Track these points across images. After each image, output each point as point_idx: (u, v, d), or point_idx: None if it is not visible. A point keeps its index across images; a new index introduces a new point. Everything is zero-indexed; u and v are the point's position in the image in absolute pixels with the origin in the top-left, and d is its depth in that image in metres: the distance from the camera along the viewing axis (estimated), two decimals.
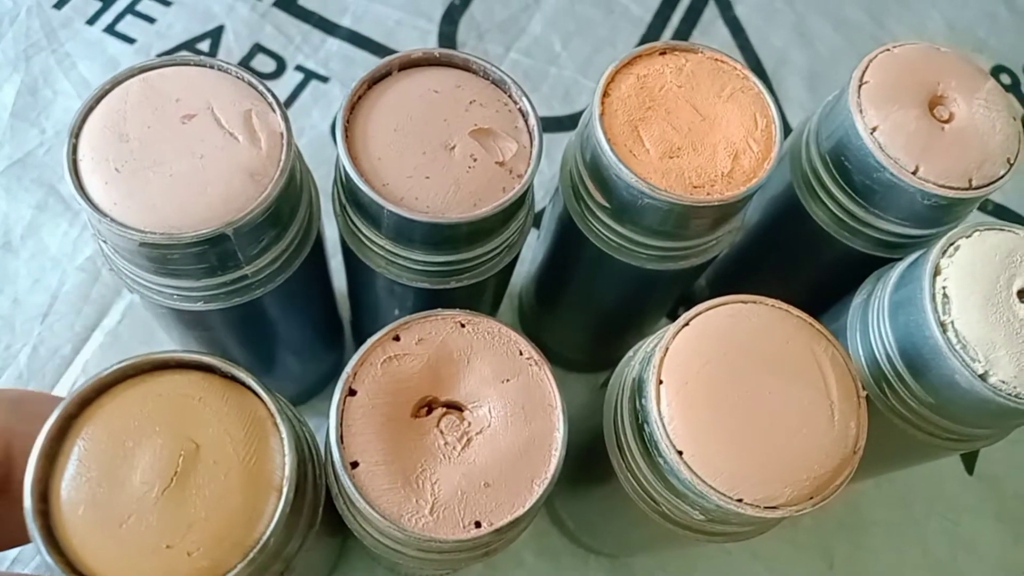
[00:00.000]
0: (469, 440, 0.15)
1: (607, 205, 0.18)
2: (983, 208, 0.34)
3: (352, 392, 0.15)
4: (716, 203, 0.17)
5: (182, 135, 0.15)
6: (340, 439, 0.14)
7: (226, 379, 0.14)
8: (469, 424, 0.15)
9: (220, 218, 0.14)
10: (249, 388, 0.14)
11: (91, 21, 0.32)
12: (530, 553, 0.26)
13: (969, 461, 0.29)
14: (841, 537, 0.28)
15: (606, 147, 0.17)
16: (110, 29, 0.32)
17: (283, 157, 0.15)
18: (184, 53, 0.23)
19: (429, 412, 0.15)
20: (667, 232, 0.18)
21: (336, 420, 0.15)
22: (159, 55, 0.32)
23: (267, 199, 0.15)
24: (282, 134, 0.15)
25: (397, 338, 0.16)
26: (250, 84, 0.16)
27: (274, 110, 0.16)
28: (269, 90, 0.16)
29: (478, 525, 0.14)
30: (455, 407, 0.15)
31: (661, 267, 0.19)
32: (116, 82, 0.16)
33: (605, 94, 0.18)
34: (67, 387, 0.26)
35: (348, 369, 0.15)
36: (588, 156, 0.18)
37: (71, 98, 0.30)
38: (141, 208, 0.14)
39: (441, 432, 0.15)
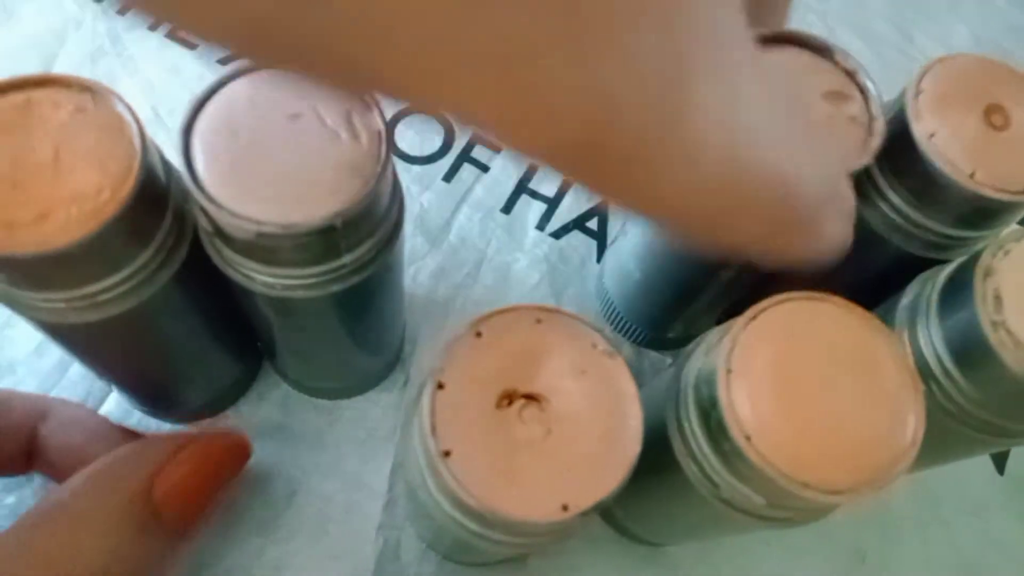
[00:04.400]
0: (551, 429, 0.16)
1: None
2: None
3: (441, 386, 0.16)
4: None
5: (289, 133, 0.16)
6: (433, 429, 0.15)
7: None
8: (549, 414, 0.16)
9: (328, 210, 0.15)
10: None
11: (153, 27, 0.33)
12: (573, 539, 0.27)
13: (999, 461, 0.30)
14: (872, 533, 0.29)
15: None
16: (171, 35, 0.33)
17: (383, 153, 0.16)
18: None
19: (510, 404, 0.16)
20: None
21: (429, 411, 0.16)
22: (219, 60, 0.33)
23: (371, 191, 0.16)
24: (380, 132, 0.17)
25: (479, 334, 0.17)
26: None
27: (372, 109, 0.17)
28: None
29: (565, 508, 0.15)
30: (535, 398, 0.16)
31: None
32: (222, 82, 0.17)
33: None
34: None
35: (436, 364, 0.16)
36: None
37: (136, 99, 0.31)
38: (255, 201, 0.15)
39: (524, 422, 0.16)
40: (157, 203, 0.17)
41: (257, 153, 0.16)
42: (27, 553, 0.16)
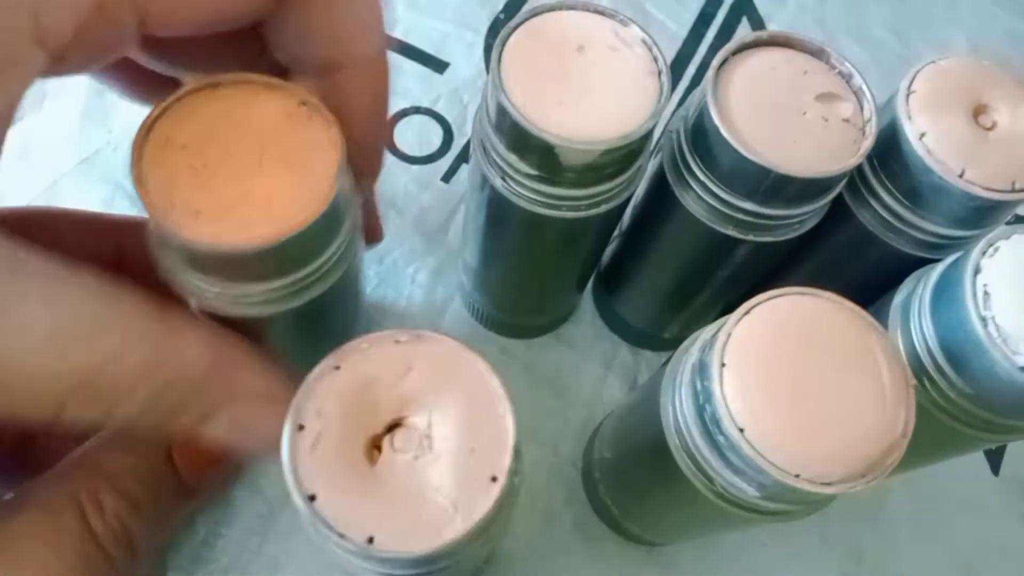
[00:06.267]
0: (423, 450, 0.15)
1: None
2: None
3: (300, 427, 0.15)
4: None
5: (580, 63, 0.19)
6: (296, 475, 0.15)
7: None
8: (420, 434, 0.15)
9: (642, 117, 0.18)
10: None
11: None
12: (573, 539, 0.27)
13: (995, 462, 0.30)
14: (869, 533, 0.29)
15: None
16: None
17: (659, 56, 0.19)
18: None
19: (379, 431, 0.15)
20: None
21: (290, 457, 0.15)
22: None
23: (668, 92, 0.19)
24: (646, 41, 0.19)
25: (337, 367, 0.16)
26: (607, 15, 0.20)
27: (627, 24, 0.20)
28: (617, 12, 0.20)
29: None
30: (403, 423, 0.16)
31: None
32: (510, 31, 0.19)
33: None
34: None
35: (292, 405, 0.15)
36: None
37: None
38: (586, 125, 0.18)
39: (394, 448, 0.15)
40: (337, 219, 0.18)
41: (572, 84, 0.19)
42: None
